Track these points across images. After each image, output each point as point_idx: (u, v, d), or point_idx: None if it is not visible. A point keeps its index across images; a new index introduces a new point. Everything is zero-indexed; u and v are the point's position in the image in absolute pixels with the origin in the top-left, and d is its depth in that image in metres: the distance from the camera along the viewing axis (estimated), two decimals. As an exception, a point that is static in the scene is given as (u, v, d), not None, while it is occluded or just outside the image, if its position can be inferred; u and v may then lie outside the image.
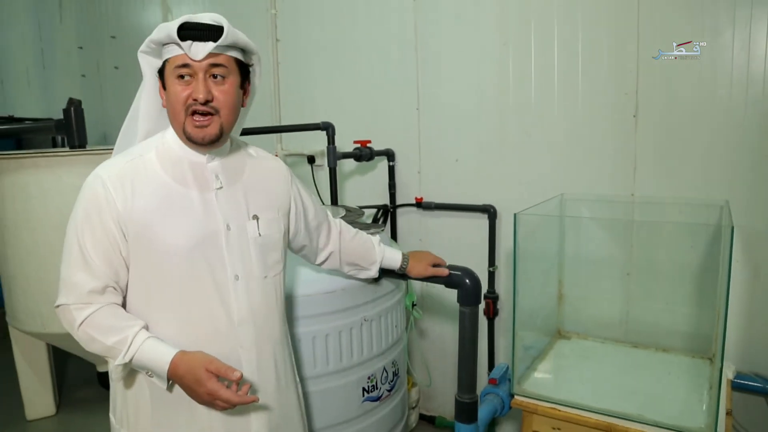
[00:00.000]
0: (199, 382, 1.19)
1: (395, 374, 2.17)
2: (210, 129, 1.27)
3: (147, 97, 1.38)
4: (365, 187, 3.12)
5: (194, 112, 1.25)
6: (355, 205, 2.70)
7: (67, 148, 3.23)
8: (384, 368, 2.09)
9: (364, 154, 2.78)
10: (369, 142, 2.83)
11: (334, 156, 2.57)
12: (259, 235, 1.39)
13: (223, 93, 1.26)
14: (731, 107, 2.13)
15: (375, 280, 1.94)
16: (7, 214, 2.94)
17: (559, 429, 1.90)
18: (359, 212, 2.34)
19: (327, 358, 1.91)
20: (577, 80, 2.42)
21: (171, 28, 1.20)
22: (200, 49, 1.21)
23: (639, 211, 2.38)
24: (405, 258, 1.76)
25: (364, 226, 1.96)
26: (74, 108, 3.23)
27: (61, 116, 3.20)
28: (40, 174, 2.85)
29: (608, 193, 2.41)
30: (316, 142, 3.09)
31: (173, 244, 1.27)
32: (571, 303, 2.46)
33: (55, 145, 5.12)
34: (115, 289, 1.28)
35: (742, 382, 2.14)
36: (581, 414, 1.84)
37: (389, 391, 2.13)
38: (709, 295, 2.07)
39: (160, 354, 1.23)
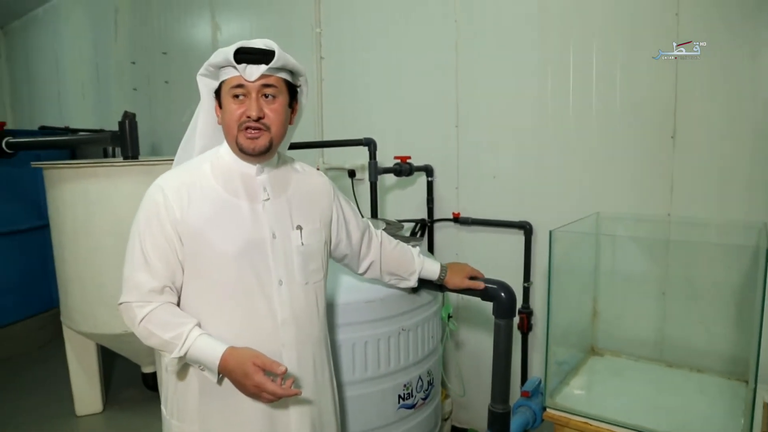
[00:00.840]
0: (247, 375, 1.29)
1: (430, 383, 2.23)
2: (260, 141, 1.39)
3: (204, 115, 1.52)
4: (404, 201, 3.21)
5: (247, 128, 1.38)
6: (394, 219, 2.79)
7: (121, 159, 3.42)
8: (420, 377, 2.16)
9: (404, 169, 2.87)
10: (409, 157, 2.91)
11: (375, 171, 2.67)
12: (302, 244, 1.50)
13: (273, 111, 1.40)
14: (769, 131, 2.15)
15: (413, 291, 2.02)
16: (67, 220, 3.13)
17: (590, 443, 1.94)
18: (399, 225, 2.43)
19: (366, 364, 1.99)
20: (615, 100, 2.47)
21: (228, 52, 1.33)
22: (254, 71, 1.34)
23: (675, 231, 2.40)
24: (443, 269, 1.84)
25: (403, 239, 2.04)
26: (129, 121, 3.41)
27: (114, 128, 3.39)
28: (98, 182, 3.03)
29: (644, 213, 2.43)
30: (357, 156, 3.19)
31: (223, 249, 1.39)
32: (606, 320, 2.48)
33: (106, 156, 5.39)
34: (171, 289, 1.40)
35: (779, 405, 2.13)
36: (613, 429, 1.87)
37: (424, 399, 2.20)
38: (746, 317, 2.07)
39: (211, 349, 1.34)
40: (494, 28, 2.79)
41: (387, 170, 2.84)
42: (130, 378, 3.97)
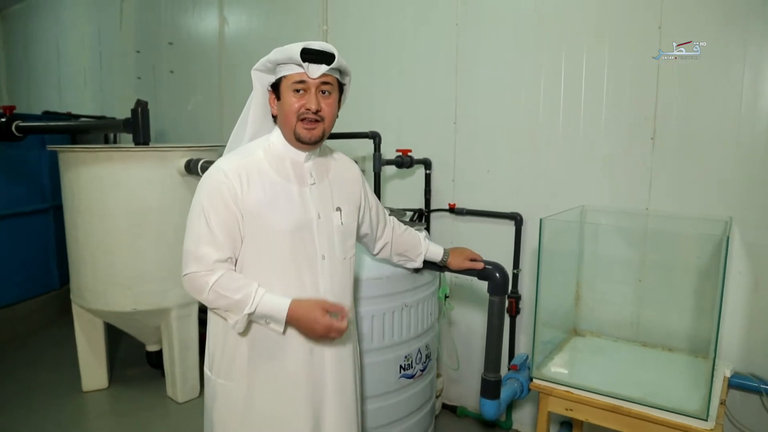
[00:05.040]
0: (316, 319, 1.50)
1: (428, 357, 2.45)
2: (316, 131, 1.60)
3: (255, 106, 1.71)
4: (404, 191, 3.41)
5: (304, 119, 1.57)
6: (395, 208, 2.99)
7: (131, 145, 3.58)
8: (419, 350, 2.37)
9: (405, 161, 3.07)
10: (410, 151, 3.12)
11: (379, 162, 2.87)
12: (342, 224, 1.71)
13: (328, 105, 1.60)
14: (740, 136, 2.38)
15: (416, 271, 2.24)
16: (81, 202, 3.27)
17: (571, 410, 2.16)
18: (401, 212, 2.64)
19: (372, 336, 2.21)
20: (601, 104, 2.69)
21: (294, 51, 1.52)
22: (316, 70, 1.54)
23: (652, 224, 2.63)
24: (446, 252, 2.06)
25: (409, 224, 2.25)
26: (141, 108, 3.57)
27: (117, 115, 3.52)
28: (113, 167, 3.18)
29: (625, 207, 2.66)
30: (360, 148, 3.39)
31: (277, 228, 1.58)
32: (588, 304, 2.71)
33: (107, 142, 5.52)
34: (232, 259, 1.58)
35: (739, 381, 2.38)
36: (591, 397, 2.10)
37: (422, 371, 2.42)
38: (712, 301, 2.30)
39: (278, 302, 1.53)
40: (492, 33, 2.99)
41: (389, 162, 3.04)
42: (135, 357, 4.13)
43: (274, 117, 1.69)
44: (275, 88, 1.63)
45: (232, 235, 1.56)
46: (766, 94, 2.32)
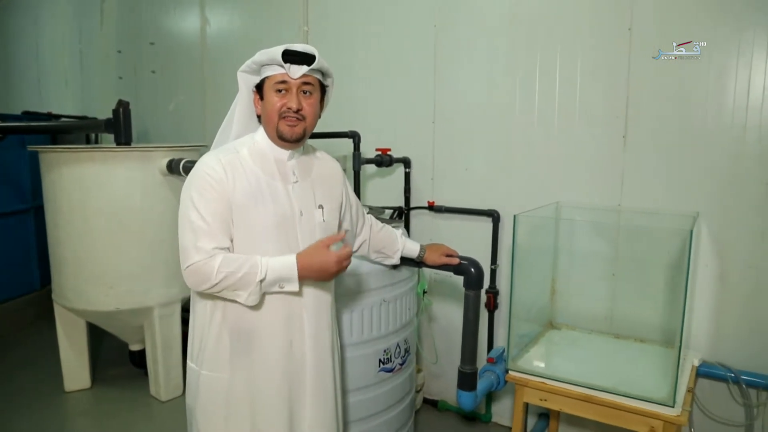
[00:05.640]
0: (325, 260, 1.57)
1: (407, 351, 2.51)
2: (297, 129, 1.66)
3: (241, 106, 1.76)
4: (384, 189, 3.46)
5: (286, 117, 1.63)
6: (375, 206, 3.04)
7: (113, 145, 3.58)
8: (398, 344, 2.43)
9: (384, 160, 3.12)
10: (389, 150, 3.17)
11: (359, 161, 2.92)
12: (323, 221, 1.77)
13: (309, 105, 1.66)
14: (706, 135, 2.47)
15: (394, 267, 2.29)
16: (63, 202, 3.27)
17: (545, 400, 2.23)
18: (380, 210, 2.69)
19: (351, 330, 2.25)
20: (574, 104, 2.77)
21: (276, 52, 1.59)
22: (297, 71, 1.61)
23: (624, 219, 2.72)
24: (422, 248, 2.12)
25: (386, 222, 2.30)
26: (123, 108, 3.58)
27: (98, 115, 3.52)
28: (95, 167, 3.19)
29: (598, 203, 2.74)
30: (341, 147, 3.43)
31: (261, 222, 1.63)
32: (563, 298, 2.79)
33: (88, 142, 5.49)
34: (228, 245, 1.62)
35: (707, 369, 2.47)
36: (565, 387, 2.17)
37: (401, 364, 2.47)
38: (680, 293, 2.39)
39: (286, 261, 1.58)
40: (469, 35, 3.06)
41: (369, 161, 3.09)
42: (118, 357, 4.12)
43: (259, 117, 1.74)
44: (259, 88, 1.69)
45: (225, 223, 1.60)
46: (731, 94, 2.41)
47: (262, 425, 1.70)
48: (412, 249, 2.12)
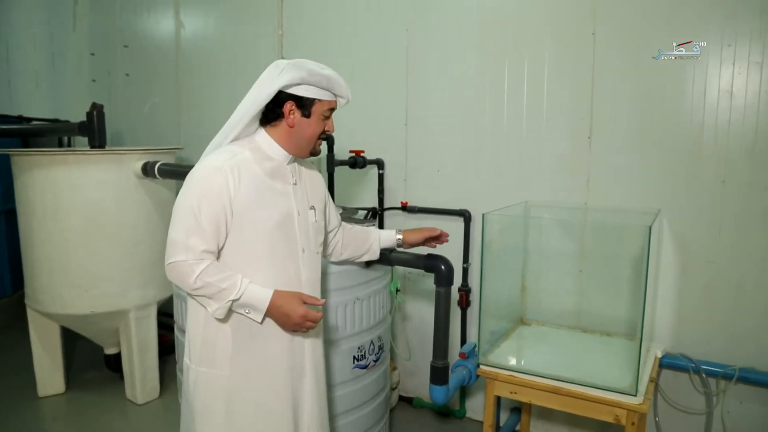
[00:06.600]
0: (295, 309, 1.63)
1: (380, 348, 2.56)
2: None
3: (254, 109, 1.72)
4: (358, 191, 3.51)
5: (320, 138, 1.78)
6: (349, 207, 3.09)
7: (88, 148, 3.57)
8: (372, 341, 2.48)
9: (358, 162, 3.17)
10: (363, 152, 3.22)
11: (332, 163, 2.96)
12: (315, 220, 1.85)
13: None
14: (666, 135, 2.57)
15: (367, 265, 2.34)
16: (36, 205, 3.25)
17: (515, 393, 2.30)
18: (353, 211, 2.74)
19: (326, 327, 2.29)
20: (542, 106, 2.85)
21: (344, 86, 1.74)
22: (345, 101, 1.79)
23: (590, 217, 2.81)
24: (399, 231, 2.16)
25: (358, 221, 2.36)
26: (97, 111, 3.58)
27: (71, 118, 3.50)
28: (69, 170, 3.18)
29: (566, 202, 2.83)
30: (315, 150, 3.47)
31: (264, 221, 1.68)
32: (533, 294, 2.87)
33: (61, 145, 5.43)
34: (215, 252, 1.66)
35: (669, 360, 2.57)
36: (533, 380, 2.24)
37: (375, 361, 2.52)
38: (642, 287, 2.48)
39: (261, 292, 1.64)
40: (440, 39, 3.13)
41: (343, 162, 3.13)
42: (93, 361, 4.09)
43: (263, 121, 1.75)
44: (298, 101, 1.70)
45: (219, 229, 1.64)
46: (689, 95, 2.52)
47: (267, 419, 1.75)
48: (389, 237, 2.16)
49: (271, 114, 1.72)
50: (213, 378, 1.72)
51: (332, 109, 1.75)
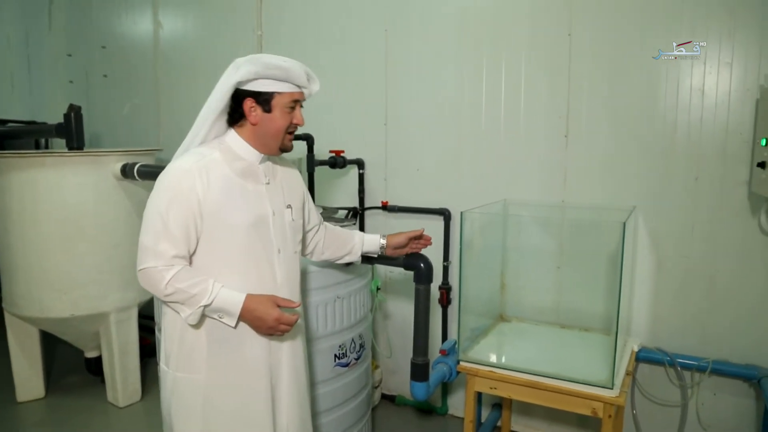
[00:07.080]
0: (268, 312, 1.61)
1: (362, 346, 2.58)
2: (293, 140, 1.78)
3: (216, 108, 1.70)
4: (338, 190, 3.52)
5: (290, 132, 1.73)
6: (330, 206, 3.10)
7: (66, 150, 3.53)
8: (353, 339, 2.50)
9: (338, 162, 3.19)
10: (343, 152, 3.23)
11: (312, 163, 2.97)
12: (293, 220, 1.83)
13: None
14: (640, 134, 2.63)
15: (347, 264, 2.35)
16: (13, 207, 3.21)
17: (495, 388, 2.33)
18: (334, 210, 2.75)
19: (307, 326, 2.30)
20: (519, 106, 2.89)
21: (302, 74, 1.70)
22: (315, 87, 1.76)
23: (567, 214, 2.85)
24: (383, 236, 2.16)
25: (339, 222, 2.37)
26: (74, 113, 3.54)
27: (48, 120, 3.45)
28: (46, 172, 3.15)
29: (543, 199, 2.87)
30: (294, 150, 3.45)
31: (236, 223, 1.67)
32: (512, 291, 2.90)
33: (38, 147, 5.36)
34: (187, 256, 1.64)
35: (646, 354, 2.62)
36: (512, 375, 2.27)
37: (356, 359, 2.54)
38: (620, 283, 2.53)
39: (233, 296, 1.62)
40: (419, 39, 3.16)
41: (323, 162, 3.14)
42: (73, 364, 4.04)
43: (229, 120, 1.73)
44: (257, 97, 1.66)
45: (188, 233, 1.62)
46: (662, 95, 2.57)
47: (245, 421, 1.74)
48: (372, 241, 2.14)
49: (235, 114, 1.70)
50: (189, 383, 1.71)
51: (296, 101, 1.71)
